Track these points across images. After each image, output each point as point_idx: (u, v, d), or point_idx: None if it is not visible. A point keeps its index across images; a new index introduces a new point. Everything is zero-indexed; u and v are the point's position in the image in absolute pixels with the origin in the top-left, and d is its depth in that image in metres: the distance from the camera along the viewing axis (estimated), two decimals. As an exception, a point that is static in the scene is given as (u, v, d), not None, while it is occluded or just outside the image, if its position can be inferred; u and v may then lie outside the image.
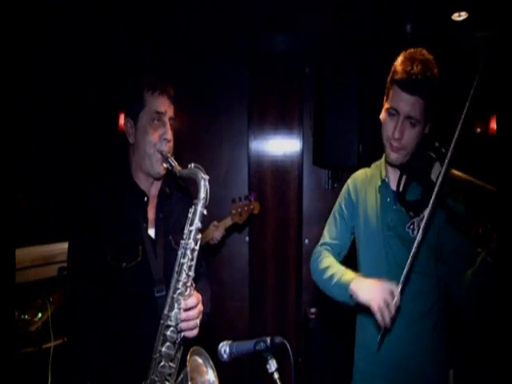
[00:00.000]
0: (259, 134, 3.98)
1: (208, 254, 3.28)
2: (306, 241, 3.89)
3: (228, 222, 3.26)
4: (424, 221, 1.49)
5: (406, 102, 1.58)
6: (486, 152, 3.91)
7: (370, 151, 3.49)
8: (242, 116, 3.88)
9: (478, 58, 1.51)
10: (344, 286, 1.63)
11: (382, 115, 1.70)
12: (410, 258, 1.49)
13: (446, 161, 1.45)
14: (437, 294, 1.68)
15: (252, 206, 3.31)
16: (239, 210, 3.28)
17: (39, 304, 2.35)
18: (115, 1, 2.92)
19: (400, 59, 1.63)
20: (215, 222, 3.21)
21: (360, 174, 1.94)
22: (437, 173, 1.47)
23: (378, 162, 1.88)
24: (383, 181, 1.78)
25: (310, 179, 3.90)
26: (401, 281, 1.50)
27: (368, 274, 1.72)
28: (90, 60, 3.47)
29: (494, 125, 3.95)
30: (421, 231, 1.49)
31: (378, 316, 1.47)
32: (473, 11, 3.13)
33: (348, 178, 3.83)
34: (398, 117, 1.61)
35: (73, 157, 3.48)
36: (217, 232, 3.17)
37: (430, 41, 3.48)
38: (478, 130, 4.05)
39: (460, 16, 3.19)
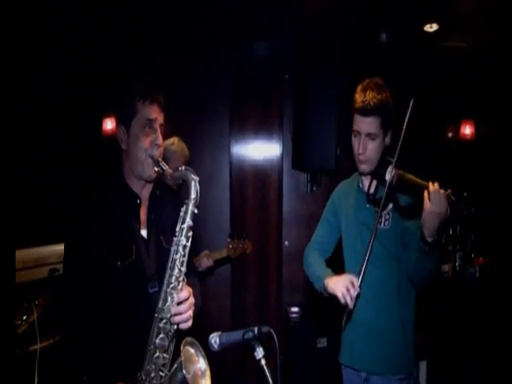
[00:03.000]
0: (240, 137, 4.09)
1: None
2: (286, 242, 4.01)
3: (223, 253, 3.48)
4: (379, 209, 1.91)
5: (363, 124, 2.00)
6: (458, 155, 4.11)
7: (348, 156, 3.63)
8: (223, 120, 3.98)
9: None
10: (320, 285, 2.11)
11: (352, 137, 2.09)
12: (368, 252, 1.93)
13: (393, 163, 1.86)
14: (401, 275, 2.02)
15: (246, 246, 3.53)
16: (234, 245, 3.49)
17: (25, 307, 2.36)
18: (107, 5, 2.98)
19: (357, 91, 2.03)
20: (207, 251, 3.38)
21: (342, 184, 2.38)
22: (389, 173, 1.86)
23: (356, 173, 2.25)
24: (358, 186, 2.19)
25: (289, 183, 4.02)
26: (360, 272, 1.92)
27: (349, 262, 2.21)
28: (82, 65, 3.52)
29: (463, 130, 4.14)
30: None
31: (342, 301, 1.89)
32: (443, 23, 3.31)
33: (326, 181, 4.00)
34: (360, 136, 2.02)
35: (65, 160, 3.52)
36: (206, 261, 3.33)
37: (404, 50, 3.66)
38: (450, 134, 4.24)
39: (431, 27, 3.36)
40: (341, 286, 1.90)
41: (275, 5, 3.26)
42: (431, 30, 3.41)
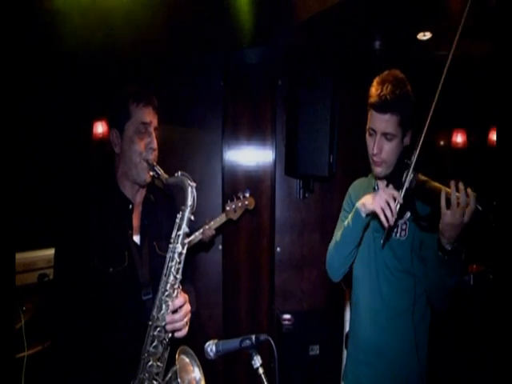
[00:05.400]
0: (233, 144, 4.06)
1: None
2: (278, 249, 3.98)
3: (222, 218, 3.33)
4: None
5: (380, 121, 1.76)
6: (449, 163, 4.14)
7: (341, 162, 3.64)
8: (216, 126, 3.95)
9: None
10: (354, 214, 1.79)
11: (366, 136, 1.86)
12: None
13: (412, 165, 1.65)
14: (416, 292, 1.82)
15: (247, 202, 3.37)
16: (233, 206, 3.34)
17: (12, 313, 2.33)
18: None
19: (373, 84, 1.81)
20: (207, 221, 3.27)
21: (359, 181, 2.13)
22: (406, 178, 1.67)
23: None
24: (374, 189, 1.95)
25: (282, 189, 4.00)
26: (402, 185, 1.67)
27: (358, 272, 1.97)
28: (71, 69, 3.49)
29: (455, 138, 4.18)
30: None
31: (382, 216, 1.64)
32: (436, 32, 3.32)
33: (319, 187, 3.99)
34: (375, 135, 1.80)
35: (56, 165, 3.48)
36: (208, 231, 3.24)
37: (397, 58, 3.68)
38: (442, 142, 4.27)
39: (425, 36, 3.37)
40: (379, 200, 1.65)
41: (268, 11, 3.25)
42: (424, 38, 3.42)
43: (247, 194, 3.39)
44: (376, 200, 1.67)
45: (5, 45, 1.28)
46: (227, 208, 3.35)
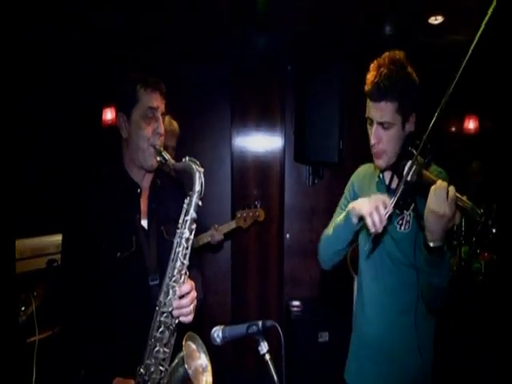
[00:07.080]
0: (242, 130, 4.05)
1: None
2: (287, 235, 3.99)
3: (232, 225, 3.39)
4: (395, 210, 1.57)
5: (375, 110, 1.66)
6: (460, 149, 4.09)
7: (351, 148, 3.60)
8: (224, 113, 3.94)
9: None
10: (346, 217, 1.70)
11: (367, 126, 1.76)
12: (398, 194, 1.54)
13: (414, 157, 1.51)
14: (419, 288, 1.71)
15: (257, 213, 3.44)
16: (244, 215, 3.40)
17: (23, 298, 2.33)
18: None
19: (369, 69, 1.69)
20: (215, 225, 3.31)
21: (363, 168, 2.02)
22: (407, 169, 1.53)
23: None
24: (379, 177, 1.84)
25: (291, 175, 3.99)
26: (395, 193, 1.55)
27: (363, 264, 1.88)
28: (81, 53, 3.48)
29: (467, 124, 4.12)
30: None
31: (369, 221, 1.52)
32: (448, 16, 3.26)
33: (329, 174, 3.96)
34: (373, 124, 1.69)
35: (64, 149, 3.48)
36: (216, 236, 3.28)
37: (408, 42, 3.61)
38: (453, 128, 4.21)
39: (436, 20, 3.31)
40: (369, 205, 1.54)
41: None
42: (436, 22, 3.36)
43: (258, 205, 3.46)
44: (366, 204, 1.57)
45: (10, 34, 1.27)
46: (238, 215, 3.41)
